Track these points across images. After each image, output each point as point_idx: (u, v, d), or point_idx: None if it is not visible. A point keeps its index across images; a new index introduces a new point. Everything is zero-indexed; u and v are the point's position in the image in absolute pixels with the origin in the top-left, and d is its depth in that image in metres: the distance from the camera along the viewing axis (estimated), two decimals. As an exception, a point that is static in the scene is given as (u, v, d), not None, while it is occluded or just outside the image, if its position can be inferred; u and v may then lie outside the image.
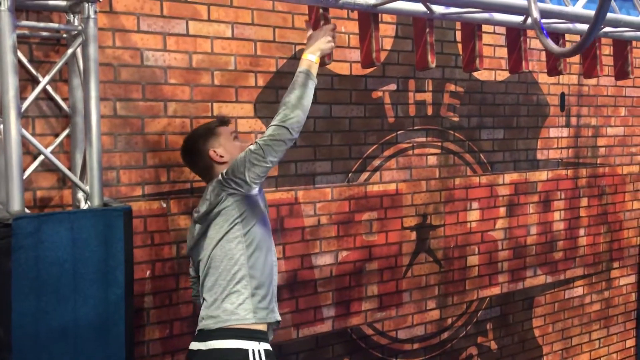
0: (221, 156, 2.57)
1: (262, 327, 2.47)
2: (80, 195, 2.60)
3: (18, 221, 2.16)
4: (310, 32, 2.62)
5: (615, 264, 5.14)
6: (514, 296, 4.48)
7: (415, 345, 4.01)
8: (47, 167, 2.70)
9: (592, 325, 5.03)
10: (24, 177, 2.33)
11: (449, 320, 4.17)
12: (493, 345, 4.40)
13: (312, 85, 2.39)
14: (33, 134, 2.62)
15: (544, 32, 1.85)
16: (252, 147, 2.37)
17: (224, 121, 2.69)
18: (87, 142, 2.46)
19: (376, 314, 3.82)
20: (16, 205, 2.26)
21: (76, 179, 2.52)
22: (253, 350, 2.38)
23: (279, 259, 3.37)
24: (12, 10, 2.21)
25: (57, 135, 2.74)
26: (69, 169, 2.65)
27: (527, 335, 4.59)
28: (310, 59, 2.44)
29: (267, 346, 2.45)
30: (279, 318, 2.57)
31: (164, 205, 3.04)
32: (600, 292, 5.05)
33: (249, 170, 2.34)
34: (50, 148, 2.65)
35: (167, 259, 3.07)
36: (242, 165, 2.35)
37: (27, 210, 2.36)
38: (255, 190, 2.44)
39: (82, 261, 2.29)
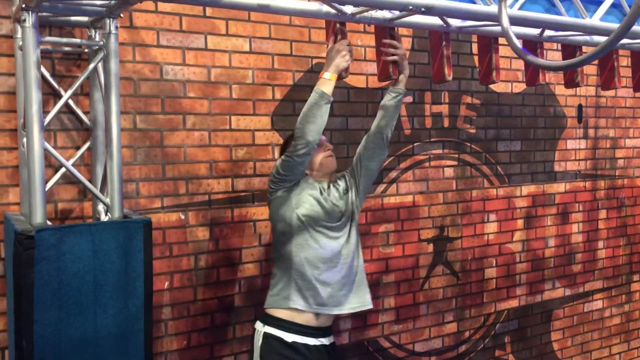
0: None
1: (277, 313, 2.69)
2: (101, 207, 2.64)
3: (40, 233, 2.20)
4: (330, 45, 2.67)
5: (636, 277, 5.07)
6: (532, 309, 4.45)
7: (433, 359, 3.99)
8: (69, 179, 2.75)
9: (612, 339, 4.97)
10: (46, 190, 2.36)
11: (467, 334, 4.14)
12: (511, 359, 4.35)
13: (321, 102, 2.52)
14: (55, 147, 2.67)
15: (521, 47, 1.85)
16: None
17: None
18: (107, 154, 2.49)
19: (393, 326, 3.81)
20: (38, 217, 2.29)
21: (97, 191, 2.55)
22: (258, 331, 2.72)
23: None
24: (36, 27, 2.26)
25: (78, 148, 2.78)
26: (90, 181, 2.69)
27: (545, 349, 4.54)
28: (325, 77, 2.57)
29: (271, 330, 2.67)
30: (295, 305, 2.65)
31: (183, 217, 3.07)
32: (620, 305, 4.99)
33: (269, 178, 2.75)
34: (72, 161, 2.69)
35: (186, 270, 3.09)
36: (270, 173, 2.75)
37: (48, 222, 2.40)
38: (279, 193, 2.69)
39: (102, 272, 2.32)
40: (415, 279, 3.88)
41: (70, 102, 2.71)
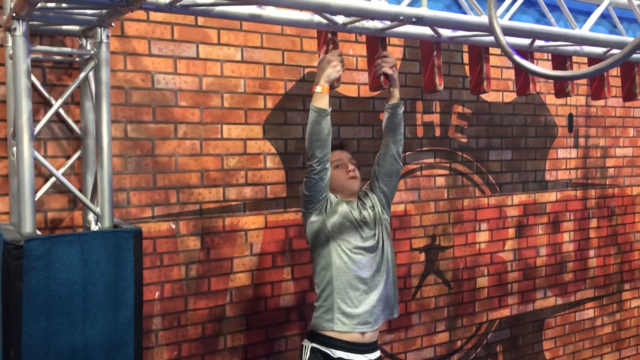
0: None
1: (323, 332, 2.73)
2: (91, 216, 2.62)
3: (29, 243, 2.18)
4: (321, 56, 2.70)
5: (626, 286, 5.09)
6: (524, 318, 4.45)
7: (425, 368, 3.98)
8: (59, 188, 2.73)
9: (604, 348, 4.98)
10: (36, 199, 2.34)
11: (459, 343, 4.14)
12: (503, 368, 4.36)
13: (320, 118, 2.57)
14: (45, 156, 2.66)
15: (517, 54, 1.85)
16: None
17: (334, 146, 2.82)
18: (98, 164, 2.48)
19: (385, 336, 3.79)
20: (28, 226, 2.28)
21: (87, 201, 2.54)
22: (305, 347, 2.78)
23: (287, 280, 3.38)
24: (26, 36, 2.25)
25: (68, 157, 2.77)
26: (80, 190, 2.68)
27: (537, 358, 4.54)
28: (317, 90, 2.61)
29: (318, 346, 2.72)
30: (339, 328, 2.69)
31: (174, 226, 3.06)
32: (611, 314, 5.00)
33: (300, 202, 2.80)
34: (62, 170, 2.68)
35: (176, 280, 3.07)
36: None
37: (38, 232, 2.38)
38: (312, 217, 2.73)
39: (92, 282, 2.30)
40: (407, 288, 3.87)
41: (61, 111, 2.70)
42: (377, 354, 2.83)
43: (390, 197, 2.95)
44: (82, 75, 2.51)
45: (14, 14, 2.23)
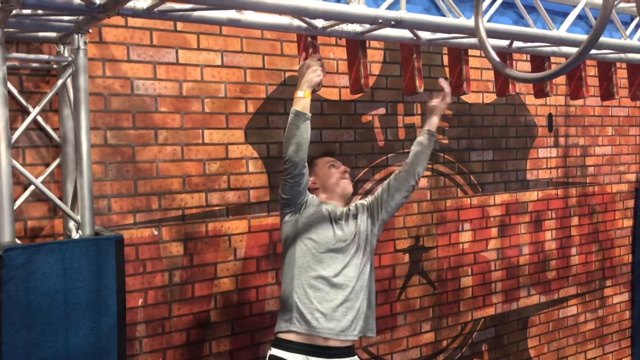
0: (314, 183, 2.83)
1: (284, 335, 2.66)
2: (72, 224, 2.59)
3: (8, 252, 2.16)
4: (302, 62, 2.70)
5: (608, 282, 5.15)
6: (509, 316, 4.48)
7: (411, 369, 3.99)
8: (38, 197, 2.70)
9: (587, 345, 5.02)
10: (15, 208, 2.32)
11: (444, 343, 4.15)
12: (488, 367, 4.38)
13: (298, 121, 2.53)
14: (23, 164, 2.63)
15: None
16: None
17: (325, 153, 2.90)
18: (77, 171, 2.46)
19: (370, 338, 3.79)
20: (7, 236, 2.25)
21: (67, 209, 2.51)
22: (267, 356, 2.69)
23: (271, 284, 3.38)
24: (2, 43, 2.23)
25: (47, 165, 2.74)
26: (60, 198, 2.65)
27: (522, 356, 4.58)
28: (298, 95, 2.58)
29: (276, 352, 2.63)
30: (295, 329, 2.61)
31: (156, 232, 3.04)
32: (594, 310, 5.06)
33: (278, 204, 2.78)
34: (41, 178, 2.65)
35: (160, 287, 3.05)
36: None
37: (17, 241, 2.35)
38: (286, 217, 2.70)
39: (73, 291, 2.28)
40: (392, 289, 3.88)
41: (39, 118, 2.67)
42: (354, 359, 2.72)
43: (385, 218, 2.85)
44: (59, 82, 2.49)
45: (-11, 22, 2.21)
